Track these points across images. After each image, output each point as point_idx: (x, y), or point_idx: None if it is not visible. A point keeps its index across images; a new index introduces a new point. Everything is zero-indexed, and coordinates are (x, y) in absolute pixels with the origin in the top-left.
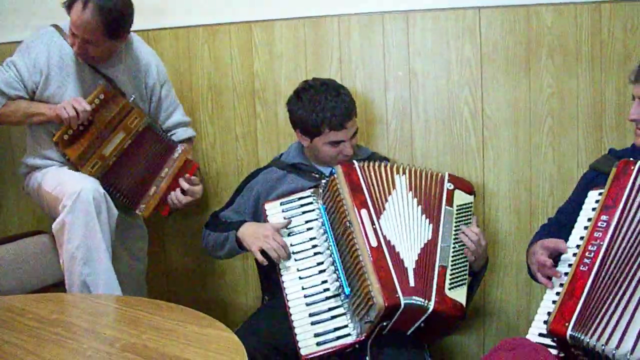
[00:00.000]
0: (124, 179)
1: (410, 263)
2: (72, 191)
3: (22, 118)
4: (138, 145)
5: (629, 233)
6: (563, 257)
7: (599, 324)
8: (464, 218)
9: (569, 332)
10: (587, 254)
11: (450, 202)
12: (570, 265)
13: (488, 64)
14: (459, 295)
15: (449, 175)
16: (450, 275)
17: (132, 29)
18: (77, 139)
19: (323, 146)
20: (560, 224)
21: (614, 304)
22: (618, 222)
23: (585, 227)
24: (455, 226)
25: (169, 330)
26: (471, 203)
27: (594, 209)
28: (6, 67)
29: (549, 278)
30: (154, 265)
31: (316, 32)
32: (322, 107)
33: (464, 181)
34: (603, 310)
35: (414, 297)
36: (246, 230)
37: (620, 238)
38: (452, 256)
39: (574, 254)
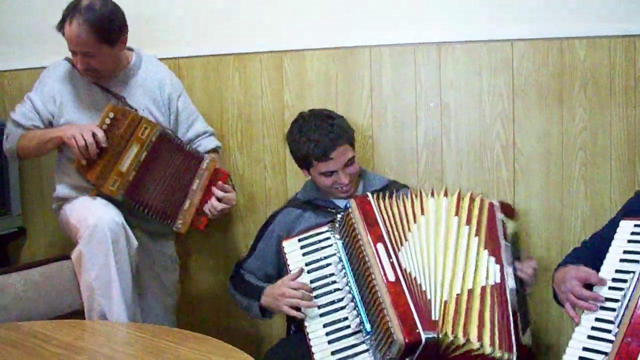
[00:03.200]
0: (151, 194)
1: (438, 294)
2: (90, 220)
3: (38, 145)
4: (156, 156)
5: None
6: (596, 289)
7: None
8: (515, 250)
9: None
10: None
11: (506, 235)
12: (611, 288)
13: (520, 97)
14: (527, 337)
15: (499, 202)
16: (519, 319)
17: (161, 55)
18: (95, 162)
19: (318, 177)
20: (594, 250)
21: None
22: None
23: (621, 260)
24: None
25: None
26: (517, 232)
27: (629, 241)
28: (23, 103)
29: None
30: (180, 297)
31: (347, 62)
32: (306, 138)
33: (504, 204)
34: None
35: (435, 331)
36: (266, 296)
37: None
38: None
39: (610, 288)
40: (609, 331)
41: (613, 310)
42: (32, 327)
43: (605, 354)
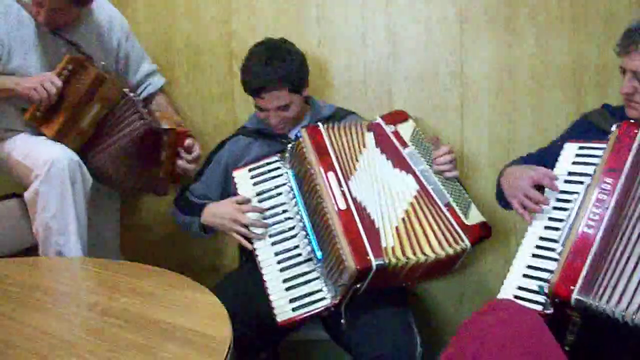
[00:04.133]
0: (114, 162)
1: (391, 221)
2: (45, 160)
3: None
4: (116, 117)
5: (636, 198)
6: (547, 191)
7: (605, 286)
8: (423, 147)
9: (574, 295)
10: (591, 215)
11: (403, 141)
12: (555, 208)
13: (468, 24)
14: (476, 215)
15: (381, 117)
16: (457, 205)
17: None
18: (51, 114)
19: (255, 107)
20: (540, 163)
21: (618, 267)
22: (624, 187)
23: (565, 181)
24: (426, 161)
25: (150, 293)
26: (416, 127)
27: (573, 163)
28: None
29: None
30: (130, 229)
31: None
32: (248, 69)
33: (395, 113)
34: (608, 273)
35: (385, 258)
36: (209, 215)
37: (627, 203)
38: (445, 188)
39: (555, 208)
40: (553, 249)
41: (557, 229)
42: None
43: (550, 271)
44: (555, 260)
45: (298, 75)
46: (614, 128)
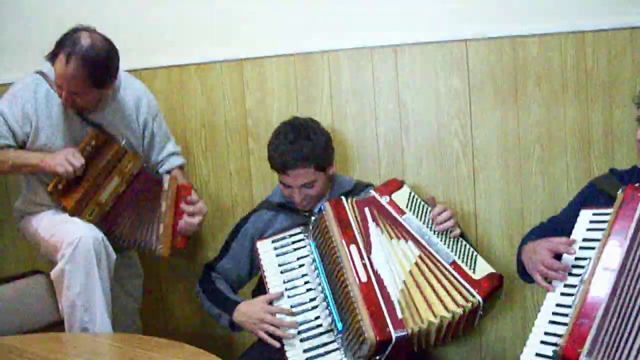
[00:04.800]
0: (124, 224)
1: (403, 291)
2: (71, 239)
3: (10, 169)
4: (132, 188)
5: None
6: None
7: (612, 348)
8: (421, 210)
9: (582, 358)
10: (598, 279)
11: (399, 210)
12: (571, 274)
13: (476, 95)
14: (483, 267)
15: (375, 190)
16: (463, 261)
17: (123, 67)
18: (71, 187)
19: (280, 184)
20: (555, 232)
21: (627, 331)
22: (629, 248)
23: (581, 247)
24: (424, 222)
25: None
26: (410, 192)
27: (588, 229)
28: None
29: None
30: (150, 302)
31: (306, 67)
32: (275, 146)
33: (389, 183)
34: (616, 337)
35: (403, 329)
36: (240, 315)
37: (631, 264)
38: (448, 246)
39: (570, 274)
40: (568, 315)
41: (572, 295)
42: (8, 342)
43: None
44: None
45: (323, 154)
46: (619, 192)
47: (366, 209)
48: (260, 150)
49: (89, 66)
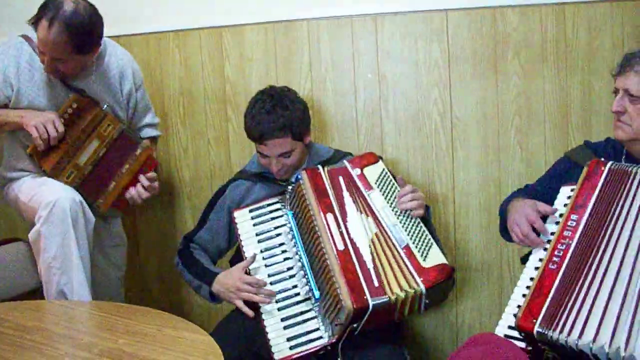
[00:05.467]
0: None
1: (370, 263)
2: (48, 201)
3: None
4: (113, 152)
5: (597, 233)
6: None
7: (565, 319)
8: (389, 188)
9: (536, 328)
10: (556, 252)
11: (367, 184)
12: (545, 250)
13: (456, 65)
14: (435, 257)
15: (348, 161)
16: (417, 247)
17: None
18: (51, 150)
19: (257, 152)
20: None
21: (578, 300)
22: (587, 222)
23: (557, 223)
24: (389, 201)
25: (146, 334)
26: (384, 169)
27: (565, 205)
28: None
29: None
30: (129, 270)
31: (286, 36)
32: (252, 116)
33: (365, 156)
34: (568, 306)
35: (382, 297)
36: (218, 286)
37: (587, 238)
38: (406, 229)
39: (547, 241)
40: None
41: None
42: None
43: None
44: None
45: (300, 123)
46: (585, 167)
47: (340, 178)
48: (239, 118)
49: (72, 32)
